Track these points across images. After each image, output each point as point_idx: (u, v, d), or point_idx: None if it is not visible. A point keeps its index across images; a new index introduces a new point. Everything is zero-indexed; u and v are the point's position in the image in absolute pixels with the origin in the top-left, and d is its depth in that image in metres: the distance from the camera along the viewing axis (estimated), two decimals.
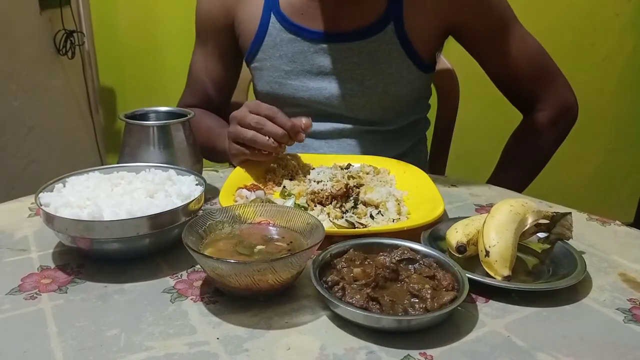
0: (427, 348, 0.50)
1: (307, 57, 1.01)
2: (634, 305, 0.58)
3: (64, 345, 0.50)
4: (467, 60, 1.11)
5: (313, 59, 1.01)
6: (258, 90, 1.10)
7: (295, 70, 1.02)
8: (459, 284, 0.55)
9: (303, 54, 1.01)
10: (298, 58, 1.01)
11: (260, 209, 0.65)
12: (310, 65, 1.01)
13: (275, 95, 1.05)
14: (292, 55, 1.01)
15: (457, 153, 1.39)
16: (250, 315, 0.55)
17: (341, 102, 1.02)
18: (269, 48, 1.03)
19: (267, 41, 1.03)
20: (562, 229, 0.65)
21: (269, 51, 1.03)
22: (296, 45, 1.01)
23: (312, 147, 1.05)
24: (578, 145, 1.87)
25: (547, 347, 0.51)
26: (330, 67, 1.00)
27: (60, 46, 1.86)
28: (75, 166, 0.76)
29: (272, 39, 1.02)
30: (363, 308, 0.52)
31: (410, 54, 1.00)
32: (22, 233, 0.72)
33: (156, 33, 2.11)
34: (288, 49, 1.01)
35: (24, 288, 0.59)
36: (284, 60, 1.02)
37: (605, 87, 2.29)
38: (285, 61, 1.02)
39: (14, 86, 1.62)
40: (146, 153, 0.78)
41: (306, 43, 1.00)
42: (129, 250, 0.63)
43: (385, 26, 0.98)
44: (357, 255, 0.60)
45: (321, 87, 1.02)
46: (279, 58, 1.02)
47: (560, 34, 2.10)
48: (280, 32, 1.01)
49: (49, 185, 0.69)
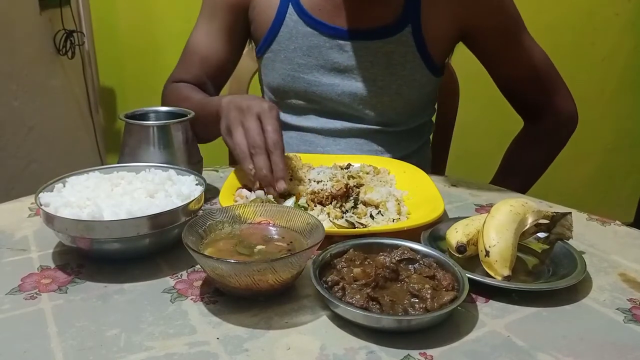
0: (427, 348, 0.50)
1: (322, 52, 1.00)
2: (634, 305, 0.58)
3: (64, 345, 0.50)
4: (467, 61, 1.11)
5: (328, 55, 1.00)
6: (268, 83, 1.08)
7: (310, 65, 1.01)
8: (459, 284, 0.55)
9: (318, 49, 1.00)
10: (313, 52, 1.01)
11: (260, 209, 0.65)
12: (324, 61, 1.01)
13: (287, 89, 1.04)
14: (307, 48, 1.01)
15: (457, 153, 1.40)
16: (250, 315, 0.55)
17: (352, 100, 1.02)
18: (285, 39, 1.02)
19: (282, 32, 1.02)
20: (562, 229, 0.65)
21: (284, 42, 1.02)
22: (312, 39, 1.00)
23: (320, 145, 1.05)
24: (578, 145, 1.86)
25: (547, 347, 0.51)
26: (345, 64, 1.00)
27: (60, 46, 1.86)
28: (75, 166, 0.76)
29: (288, 30, 1.01)
30: (363, 308, 0.52)
31: (425, 58, 1.01)
32: (22, 233, 0.72)
33: (156, 33, 2.11)
34: (304, 42, 1.01)
35: (24, 288, 0.59)
36: (299, 53, 1.01)
37: (605, 87, 2.29)
38: (300, 54, 1.01)
39: (14, 86, 1.62)
40: (146, 153, 0.78)
41: (323, 37, 1.00)
42: (129, 250, 0.63)
43: (403, 28, 0.98)
44: (357, 255, 0.60)
45: (334, 83, 1.01)
46: (294, 50, 1.01)
47: (560, 34, 2.10)
48: (297, 24, 1.00)
49: (49, 185, 0.69)
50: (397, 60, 1.00)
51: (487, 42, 1.04)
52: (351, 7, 0.99)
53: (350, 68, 1.00)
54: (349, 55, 1.00)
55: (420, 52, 1.00)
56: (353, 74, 1.01)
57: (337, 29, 0.99)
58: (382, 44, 0.99)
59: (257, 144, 0.77)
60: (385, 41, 0.99)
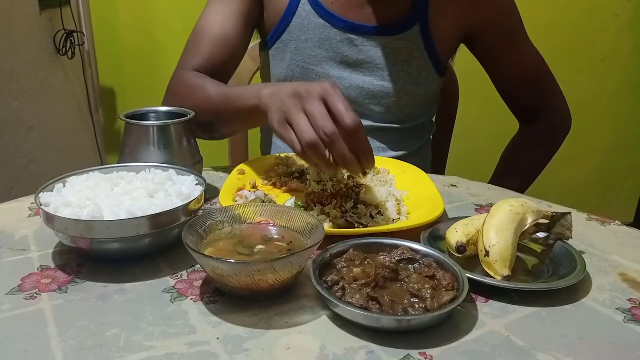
0: (427, 348, 0.50)
1: (333, 45, 1.01)
2: (634, 305, 0.58)
3: (64, 345, 0.50)
4: (467, 61, 1.12)
5: (338, 48, 1.01)
6: (275, 74, 1.07)
7: (320, 56, 1.02)
8: (459, 284, 0.55)
9: (329, 41, 1.01)
10: (324, 44, 1.01)
11: (260, 209, 0.65)
12: (335, 54, 1.01)
13: (295, 80, 1.04)
14: (318, 40, 1.01)
15: (457, 153, 1.40)
16: (250, 315, 0.55)
17: (359, 94, 1.02)
18: (297, 30, 1.02)
19: (295, 22, 1.01)
20: (562, 229, 0.65)
21: (296, 33, 1.02)
22: (324, 32, 1.00)
23: None
24: (578, 145, 1.86)
25: (547, 347, 0.51)
26: (355, 58, 1.01)
27: (60, 46, 1.86)
28: (75, 166, 0.76)
29: (300, 21, 1.01)
30: (363, 308, 0.52)
31: (432, 56, 1.02)
32: (22, 233, 0.72)
33: (156, 33, 2.11)
34: (315, 34, 1.01)
35: (24, 288, 0.59)
36: (310, 45, 1.02)
37: (605, 87, 2.29)
38: (311, 45, 1.01)
39: (14, 86, 1.62)
40: (146, 153, 0.78)
41: (334, 30, 1.00)
42: (129, 250, 0.63)
43: (412, 26, 0.99)
44: (357, 255, 0.60)
45: (342, 76, 1.02)
46: (305, 42, 1.02)
47: (560, 34, 2.10)
48: (309, 16, 1.01)
49: (49, 185, 0.68)
50: (404, 58, 1.01)
51: (490, 44, 1.05)
52: (364, 2, 0.99)
53: (359, 62, 1.01)
54: (359, 50, 1.00)
55: (427, 51, 1.01)
56: (362, 68, 1.01)
57: (349, 23, 1.00)
58: (391, 41, 1.00)
59: (330, 129, 0.65)
60: (395, 38, 1.00)
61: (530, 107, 1.11)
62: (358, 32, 1.00)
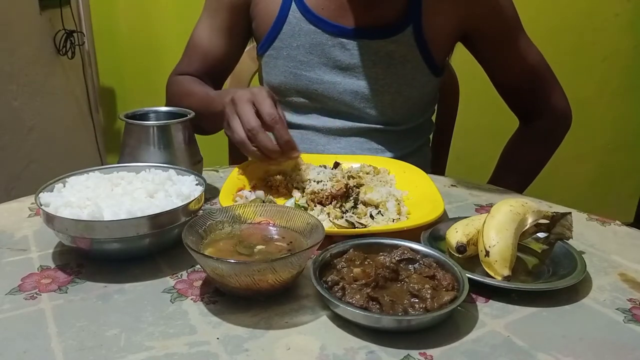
0: (427, 348, 0.50)
1: (325, 50, 1.01)
2: (634, 305, 0.58)
3: (64, 345, 0.50)
4: (467, 61, 1.12)
5: (330, 53, 1.01)
6: (269, 81, 1.08)
7: (312, 62, 1.02)
8: (459, 284, 0.55)
9: (321, 47, 1.01)
10: (316, 50, 1.01)
11: (260, 209, 0.65)
12: (327, 59, 1.01)
13: (288, 86, 1.04)
14: (309, 46, 1.01)
15: (457, 153, 1.40)
16: (250, 315, 0.55)
17: (353, 98, 1.02)
18: (287, 37, 1.02)
19: (285, 29, 1.02)
20: (562, 229, 0.65)
21: (287, 40, 1.02)
22: (315, 37, 1.01)
23: (320, 144, 1.05)
24: (578, 145, 1.87)
25: (547, 347, 0.51)
26: (347, 63, 1.01)
27: (60, 46, 1.86)
28: (75, 166, 0.76)
29: (291, 28, 1.01)
30: (363, 308, 0.52)
31: (426, 57, 1.01)
32: (22, 233, 0.72)
33: (156, 33, 2.11)
34: (306, 40, 1.01)
35: (24, 288, 0.59)
36: (301, 51, 1.02)
37: (605, 87, 2.29)
38: (303, 52, 1.02)
39: (14, 86, 1.62)
40: (146, 153, 0.78)
41: (325, 35, 1.00)
42: (129, 250, 0.63)
43: (405, 28, 0.99)
44: (357, 255, 0.60)
45: (335, 81, 1.02)
46: (296, 48, 1.02)
47: (560, 34, 2.10)
48: (300, 22, 1.01)
49: (49, 185, 0.69)
50: (398, 60, 1.00)
51: (487, 42, 1.05)
52: (354, 6, 0.99)
53: (352, 66, 1.01)
54: (351, 54, 1.00)
55: (421, 52, 1.00)
56: (355, 72, 1.01)
57: (340, 27, 0.99)
58: (384, 43, 0.99)
59: (252, 125, 0.77)
60: (387, 40, 0.99)
61: (529, 105, 1.10)
62: (349, 36, 0.99)
